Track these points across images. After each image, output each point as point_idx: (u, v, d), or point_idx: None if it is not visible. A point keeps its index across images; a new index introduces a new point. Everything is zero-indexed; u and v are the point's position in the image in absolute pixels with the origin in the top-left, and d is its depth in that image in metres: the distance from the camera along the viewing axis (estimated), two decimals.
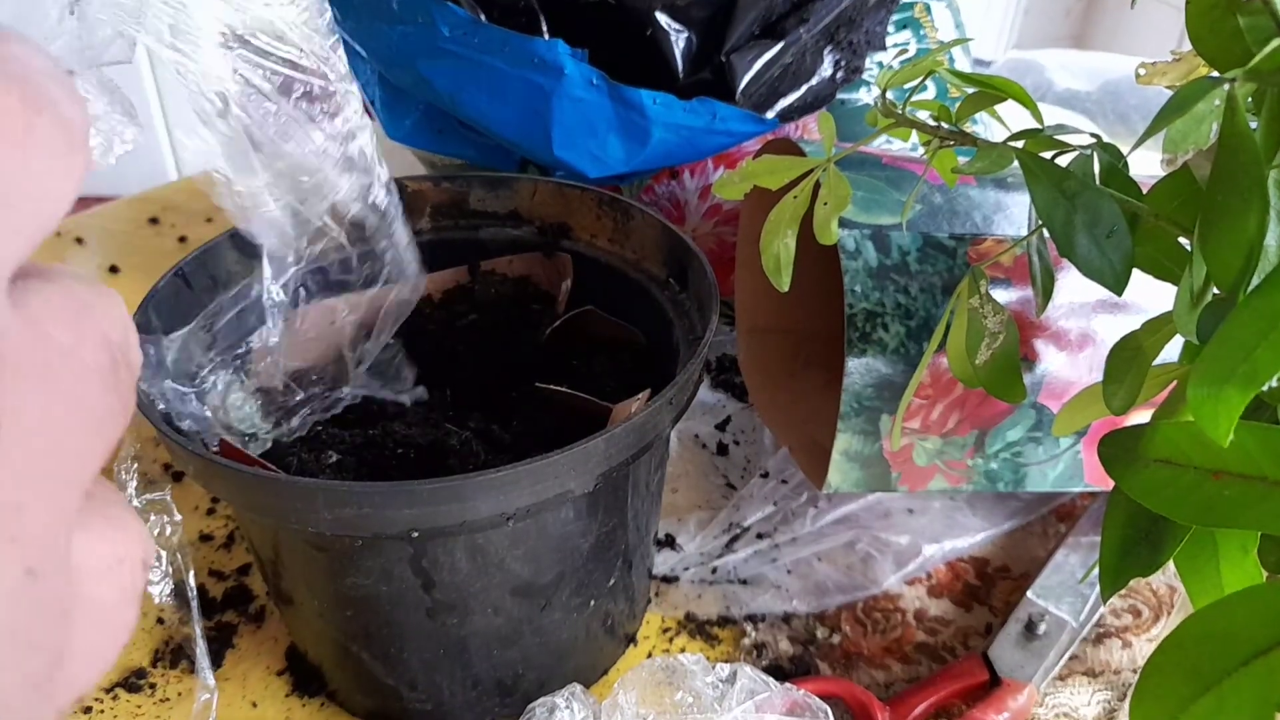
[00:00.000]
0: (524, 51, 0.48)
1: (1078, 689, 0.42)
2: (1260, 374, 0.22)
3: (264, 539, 0.36)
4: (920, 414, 0.41)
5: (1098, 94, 0.82)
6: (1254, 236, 0.24)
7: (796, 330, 0.56)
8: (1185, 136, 0.31)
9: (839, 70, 0.55)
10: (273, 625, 0.45)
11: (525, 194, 0.48)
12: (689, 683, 0.36)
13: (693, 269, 0.41)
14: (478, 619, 0.36)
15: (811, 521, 0.50)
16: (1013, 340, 0.36)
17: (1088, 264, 0.30)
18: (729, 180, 0.38)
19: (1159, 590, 0.47)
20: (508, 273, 0.48)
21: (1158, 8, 1.66)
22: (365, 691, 0.40)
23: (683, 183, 0.57)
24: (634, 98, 0.49)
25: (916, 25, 0.62)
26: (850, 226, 0.40)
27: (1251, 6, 0.26)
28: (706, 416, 0.57)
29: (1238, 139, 0.24)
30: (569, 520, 0.35)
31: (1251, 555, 0.28)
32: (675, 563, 0.48)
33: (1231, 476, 0.24)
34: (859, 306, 0.39)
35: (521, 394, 0.42)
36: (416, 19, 0.49)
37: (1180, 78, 0.38)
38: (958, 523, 0.50)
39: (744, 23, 0.50)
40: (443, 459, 0.37)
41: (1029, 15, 1.98)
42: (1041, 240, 0.36)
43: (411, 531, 0.31)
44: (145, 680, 0.42)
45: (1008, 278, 0.40)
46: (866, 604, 0.46)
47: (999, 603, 0.47)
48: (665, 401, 0.33)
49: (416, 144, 0.56)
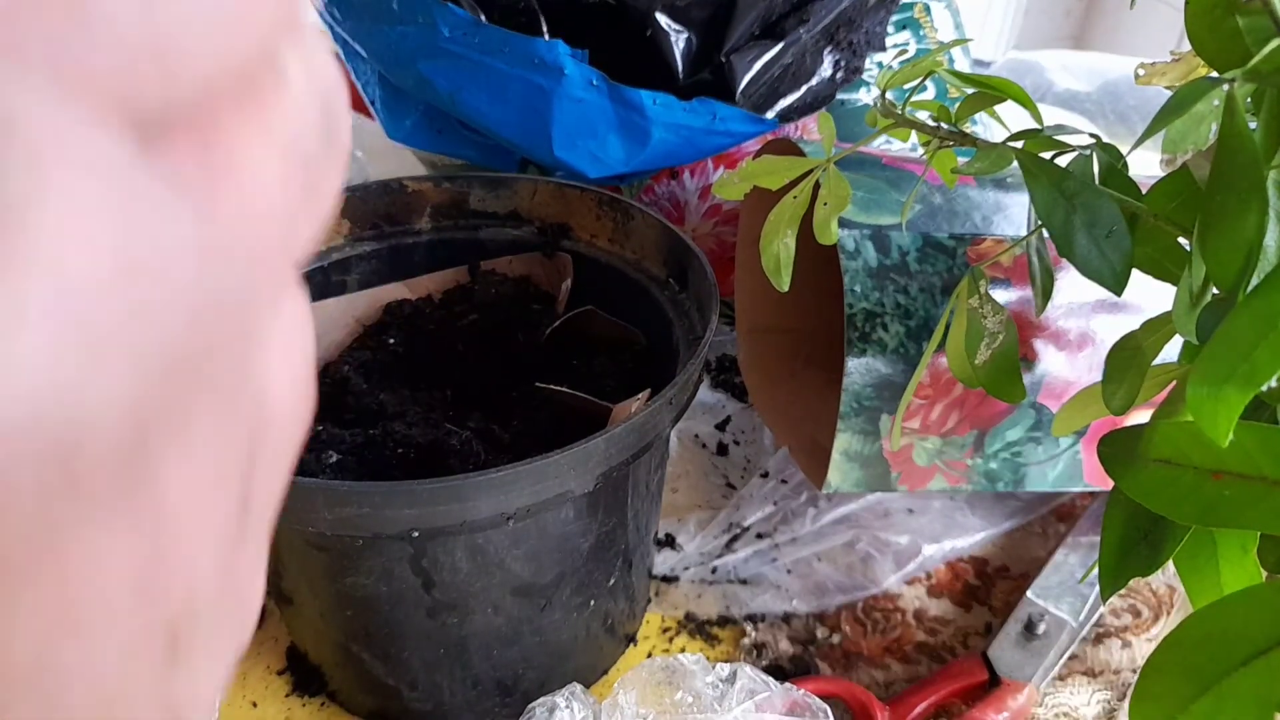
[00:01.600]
0: (524, 52, 0.48)
1: (1077, 689, 0.42)
2: (1259, 374, 0.22)
3: None
4: (920, 414, 0.41)
5: (1097, 94, 0.82)
6: (1253, 236, 0.24)
7: (796, 330, 0.56)
8: (1184, 137, 0.31)
9: (839, 71, 0.55)
10: (273, 625, 0.45)
11: (525, 194, 0.48)
12: (689, 682, 0.36)
13: (693, 269, 0.41)
14: (478, 619, 0.36)
15: (811, 521, 0.50)
16: (1012, 340, 0.36)
17: (1087, 264, 0.30)
18: (729, 180, 0.38)
19: (1158, 590, 0.47)
20: (508, 273, 0.48)
21: (1157, 8, 1.66)
22: (365, 691, 0.40)
23: (683, 183, 0.57)
24: (634, 98, 0.49)
25: (916, 26, 0.62)
26: (850, 226, 0.40)
27: (1251, 7, 0.26)
28: (706, 416, 0.58)
29: (1237, 139, 0.24)
30: (569, 520, 0.35)
31: (1251, 555, 0.28)
32: (675, 562, 0.48)
33: (1231, 476, 0.24)
34: (859, 306, 0.40)
35: (522, 394, 0.42)
36: (417, 19, 0.49)
37: (1179, 78, 0.38)
38: (957, 522, 0.50)
39: (744, 23, 0.50)
40: (443, 459, 0.37)
41: (1028, 16, 1.98)
42: (1041, 240, 0.36)
43: (412, 531, 0.31)
44: None
45: (1007, 278, 0.40)
46: (866, 604, 0.46)
47: (999, 602, 0.47)
48: (665, 401, 0.33)
49: (416, 144, 0.56)
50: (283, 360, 0.10)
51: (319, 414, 0.41)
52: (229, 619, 0.10)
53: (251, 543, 0.10)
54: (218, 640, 0.10)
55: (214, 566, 0.09)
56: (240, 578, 0.10)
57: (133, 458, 0.07)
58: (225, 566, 0.09)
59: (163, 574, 0.08)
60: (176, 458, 0.08)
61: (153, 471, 0.08)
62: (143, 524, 0.08)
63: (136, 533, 0.08)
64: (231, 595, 0.10)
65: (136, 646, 0.08)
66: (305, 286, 0.12)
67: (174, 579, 0.08)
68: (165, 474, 0.08)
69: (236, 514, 0.09)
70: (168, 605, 0.08)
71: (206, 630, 0.09)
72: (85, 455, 0.07)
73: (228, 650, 0.10)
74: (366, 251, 0.47)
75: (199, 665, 0.09)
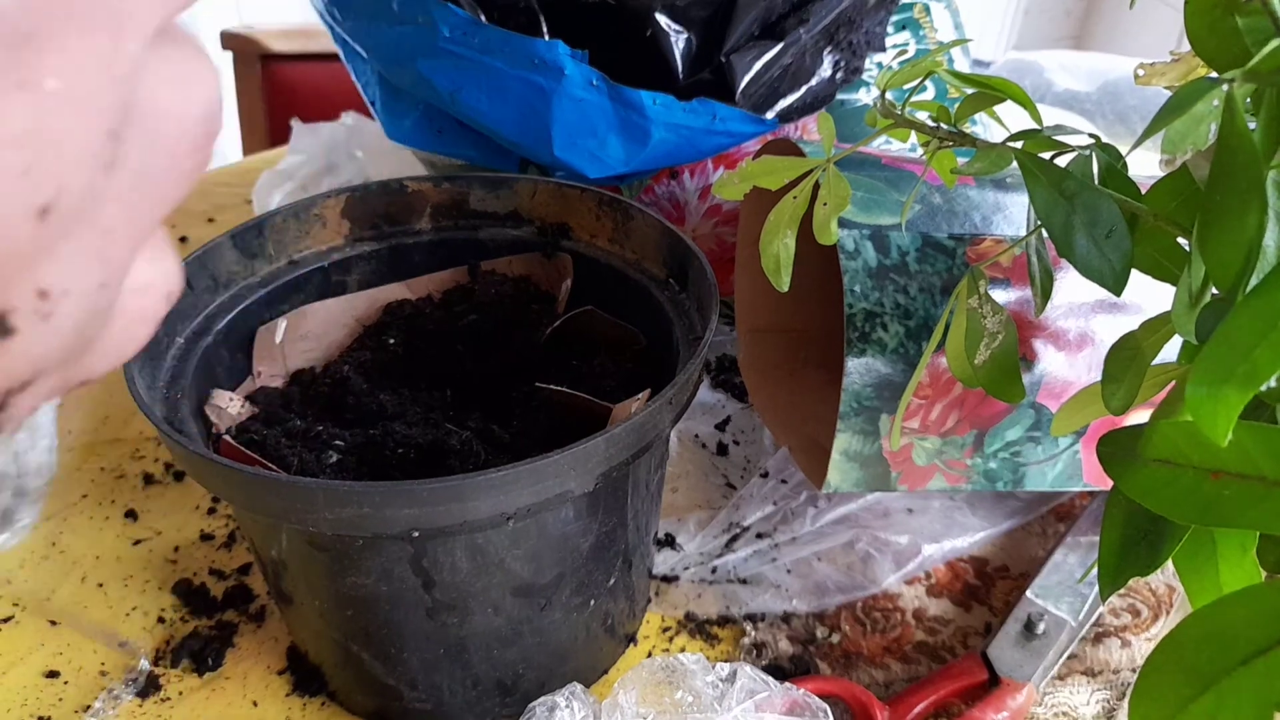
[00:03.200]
0: (524, 52, 0.48)
1: (1077, 688, 0.42)
2: (1259, 374, 0.22)
3: (264, 539, 0.36)
4: (919, 414, 0.41)
5: (1097, 94, 0.82)
6: (1253, 236, 0.24)
7: (796, 330, 0.56)
8: (1184, 137, 0.31)
9: (838, 71, 0.55)
10: (273, 624, 0.45)
11: (525, 194, 0.48)
12: (689, 682, 0.36)
13: (693, 269, 0.41)
14: (478, 619, 0.36)
15: (811, 521, 0.50)
16: (1011, 340, 0.36)
17: (1086, 264, 0.30)
18: (729, 181, 0.38)
19: (1158, 590, 0.47)
20: (508, 273, 0.48)
21: (1157, 8, 1.66)
22: (365, 691, 0.40)
23: (682, 183, 0.57)
24: (634, 98, 0.49)
25: (916, 26, 0.62)
26: (849, 227, 0.40)
27: (1250, 7, 0.26)
28: (706, 416, 0.58)
29: (1236, 139, 0.24)
30: (569, 520, 0.35)
31: (1250, 555, 0.28)
32: (675, 562, 0.48)
33: (1230, 476, 0.24)
34: (858, 306, 0.40)
35: (522, 394, 0.42)
36: (417, 19, 0.49)
37: (1179, 78, 0.38)
38: (957, 522, 0.50)
39: (744, 23, 0.50)
40: (443, 459, 0.38)
41: (1028, 16, 1.98)
42: (1040, 240, 0.36)
43: (412, 531, 0.31)
44: (146, 679, 0.42)
45: (1006, 278, 0.40)
46: (866, 603, 0.46)
47: (998, 602, 0.47)
48: (665, 401, 0.34)
49: (416, 144, 0.56)
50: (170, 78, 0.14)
51: (319, 414, 0.41)
52: (93, 234, 0.13)
53: (122, 181, 0.13)
54: (83, 239, 0.13)
55: (80, 170, 0.12)
56: (106, 208, 0.13)
57: (19, 41, 0.11)
58: (90, 183, 0.12)
59: (39, 143, 0.11)
60: (54, 54, 0.11)
61: (34, 56, 0.11)
62: (25, 94, 0.11)
63: (22, 97, 0.11)
64: (96, 215, 0.13)
65: (13, 198, 0.11)
66: (306, 286, 0.15)
67: (46, 154, 0.11)
68: (43, 62, 0.11)
69: (104, 139, 0.12)
70: (40, 177, 0.11)
71: (73, 220, 0.12)
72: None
73: (92, 267, 0.13)
74: (366, 252, 0.47)
75: (66, 251, 0.12)
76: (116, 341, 0.15)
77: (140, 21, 0.13)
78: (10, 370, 0.13)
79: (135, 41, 0.13)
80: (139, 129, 0.13)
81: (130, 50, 0.13)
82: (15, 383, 0.13)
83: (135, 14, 0.13)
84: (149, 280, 0.16)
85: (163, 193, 0.14)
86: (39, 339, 0.13)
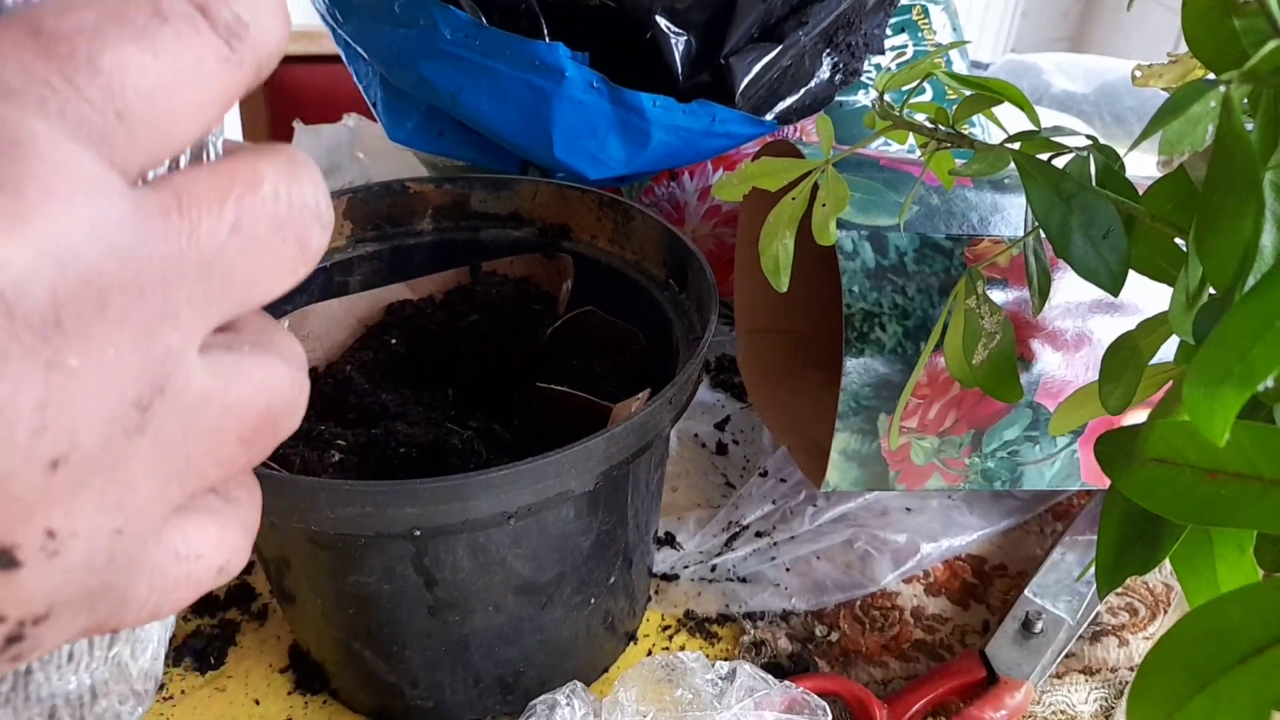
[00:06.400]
0: (525, 54, 0.48)
1: (1075, 686, 0.43)
2: (1256, 374, 0.22)
3: (267, 537, 0.36)
4: (918, 413, 0.41)
5: (1094, 96, 0.82)
6: (1250, 237, 0.24)
7: (795, 330, 0.56)
8: (1181, 138, 0.31)
9: (837, 73, 0.55)
10: (275, 623, 0.45)
11: (526, 195, 0.48)
12: (688, 680, 0.36)
13: (692, 269, 0.41)
14: (479, 617, 0.36)
15: (810, 520, 0.50)
16: (1009, 340, 0.36)
17: (1084, 265, 0.30)
18: (728, 182, 0.38)
19: (1155, 588, 0.47)
20: (509, 273, 0.49)
21: (1154, 10, 1.66)
22: (367, 689, 0.40)
23: (682, 184, 0.57)
24: (634, 100, 0.49)
25: (914, 28, 0.62)
26: (848, 227, 0.41)
27: (1247, 9, 0.26)
28: (706, 416, 0.58)
29: (1233, 140, 0.24)
30: (569, 519, 0.35)
31: (1248, 554, 0.28)
32: (675, 561, 0.48)
33: (1227, 476, 0.24)
34: (857, 307, 0.40)
35: (522, 394, 0.42)
36: (418, 21, 0.49)
37: (1176, 80, 0.38)
38: (955, 521, 0.50)
39: (743, 26, 0.50)
40: (444, 458, 0.38)
41: (1026, 18, 1.98)
42: (1038, 241, 0.36)
43: (413, 530, 0.31)
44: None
45: (1004, 278, 0.41)
46: (865, 602, 0.47)
47: (996, 601, 0.47)
48: (665, 401, 0.34)
49: (418, 145, 0.56)
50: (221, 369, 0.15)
51: (322, 413, 0.42)
52: (112, 487, 0.13)
53: (149, 447, 0.13)
54: (97, 490, 0.13)
55: (95, 431, 0.12)
56: (130, 466, 0.13)
57: (48, 326, 0.12)
58: (108, 443, 0.13)
59: (55, 408, 0.12)
60: (79, 342, 0.12)
61: (62, 341, 0.12)
62: (51, 372, 0.12)
63: (46, 372, 0.12)
64: (117, 471, 0.13)
65: (26, 453, 0.12)
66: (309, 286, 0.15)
67: (61, 416, 0.12)
68: (69, 347, 0.12)
69: (129, 407, 0.13)
70: (55, 434, 0.12)
71: (87, 473, 0.13)
72: (19, 307, 0.11)
73: (107, 515, 0.13)
74: (368, 252, 0.47)
75: (78, 499, 0.13)
76: (151, 598, 0.15)
77: (184, 322, 0.13)
78: (20, 601, 0.13)
79: (175, 338, 0.13)
80: (173, 407, 0.14)
81: (168, 344, 0.13)
82: (28, 614, 0.13)
83: (178, 316, 0.13)
84: (199, 550, 0.16)
85: (201, 468, 0.15)
86: (47, 574, 0.13)
